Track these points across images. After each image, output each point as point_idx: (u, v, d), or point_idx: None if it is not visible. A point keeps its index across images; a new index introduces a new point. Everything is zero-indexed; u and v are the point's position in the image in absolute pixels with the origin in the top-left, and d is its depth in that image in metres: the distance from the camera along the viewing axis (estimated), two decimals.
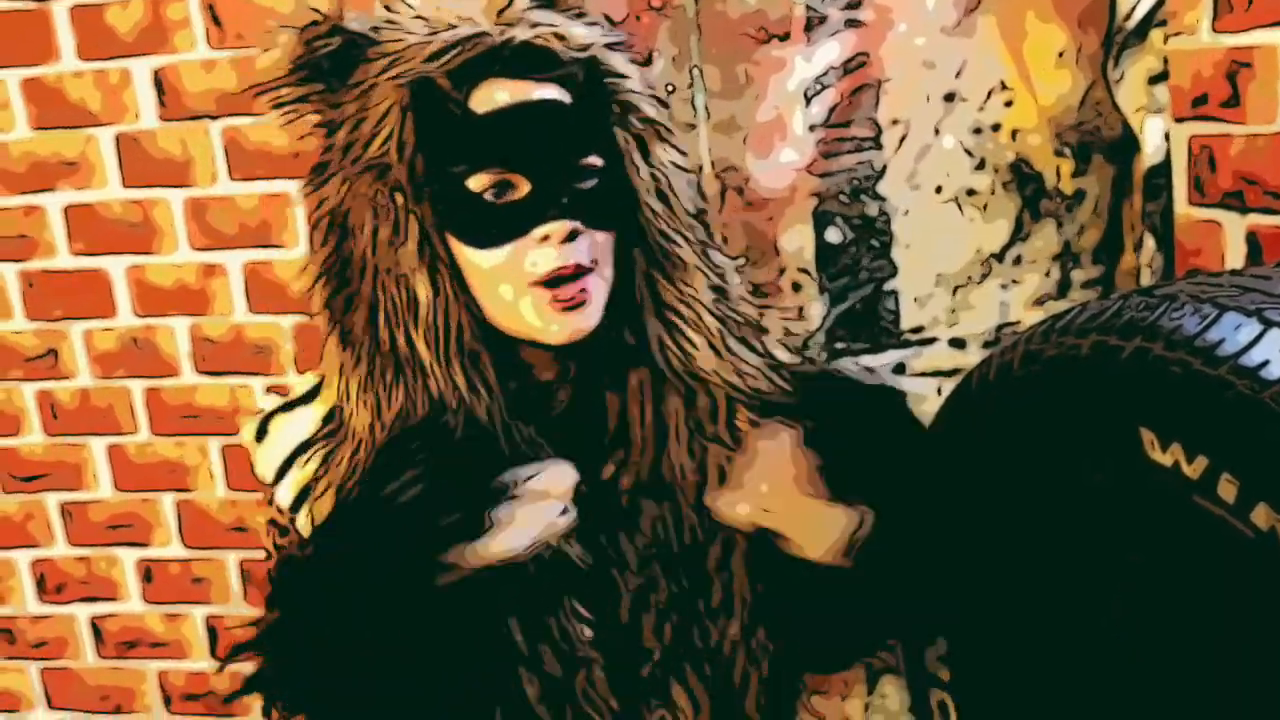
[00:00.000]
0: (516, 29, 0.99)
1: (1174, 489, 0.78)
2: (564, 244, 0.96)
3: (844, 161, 1.69)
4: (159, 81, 1.91)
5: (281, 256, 1.93)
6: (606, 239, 1.01)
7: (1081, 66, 1.62)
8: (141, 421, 2.07)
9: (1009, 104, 1.64)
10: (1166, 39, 1.51)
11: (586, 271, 0.98)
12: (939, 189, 1.67)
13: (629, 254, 1.04)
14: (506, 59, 0.97)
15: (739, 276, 1.13)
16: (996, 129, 1.65)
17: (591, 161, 1.00)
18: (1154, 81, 1.54)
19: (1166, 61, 1.52)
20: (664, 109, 1.09)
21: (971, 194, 1.67)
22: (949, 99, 1.65)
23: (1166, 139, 1.53)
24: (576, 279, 0.97)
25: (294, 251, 1.92)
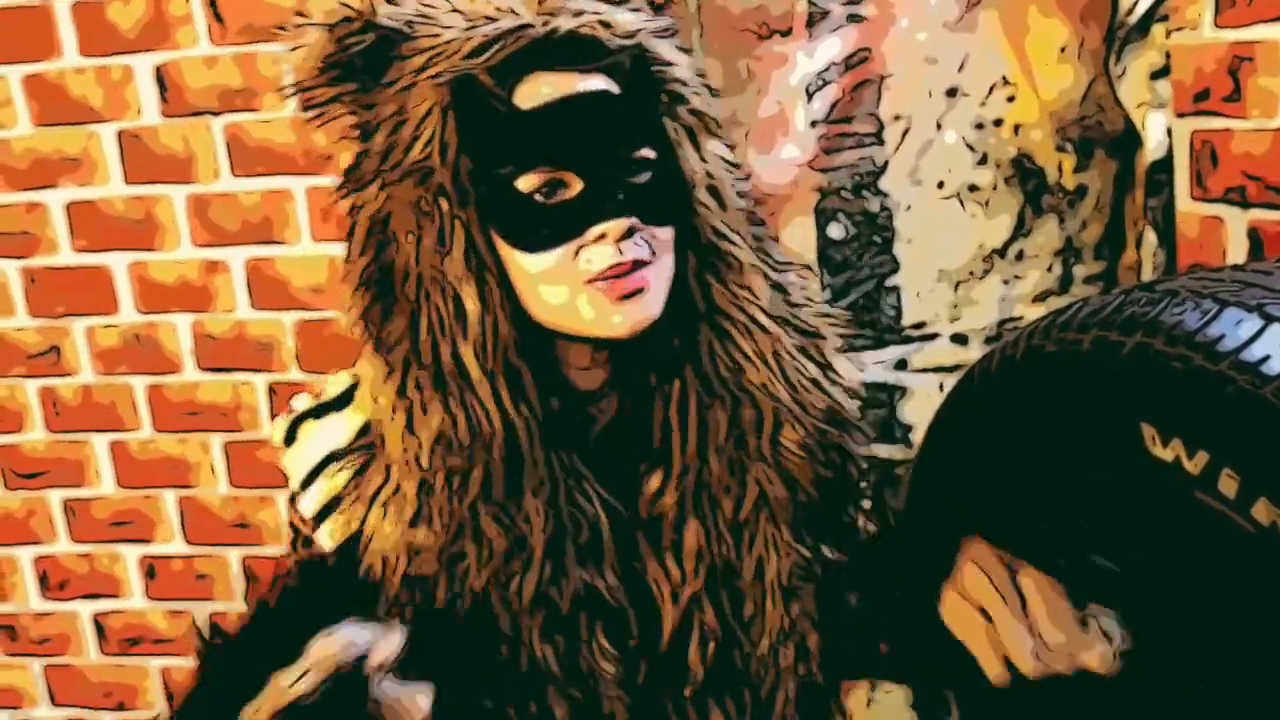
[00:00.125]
0: (559, 19, 0.92)
1: (1175, 484, 0.78)
2: (621, 241, 0.91)
3: (846, 157, 1.69)
4: (161, 77, 1.91)
5: (284, 253, 1.94)
6: (665, 233, 0.95)
7: (1083, 61, 1.62)
8: (144, 418, 2.07)
9: (1011, 99, 1.64)
10: (1168, 34, 1.51)
11: (645, 264, 0.92)
12: (941, 184, 1.67)
13: (681, 254, 0.97)
14: (550, 51, 0.92)
15: (801, 279, 1.07)
16: (998, 124, 1.65)
17: (644, 154, 0.94)
18: (1156, 76, 1.54)
19: (1168, 56, 1.52)
20: (713, 99, 1.02)
21: (973, 189, 1.66)
22: (951, 94, 1.65)
23: (1168, 134, 1.52)
24: (635, 271, 0.91)
25: (296, 248, 1.93)
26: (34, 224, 2.02)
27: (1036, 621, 0.85)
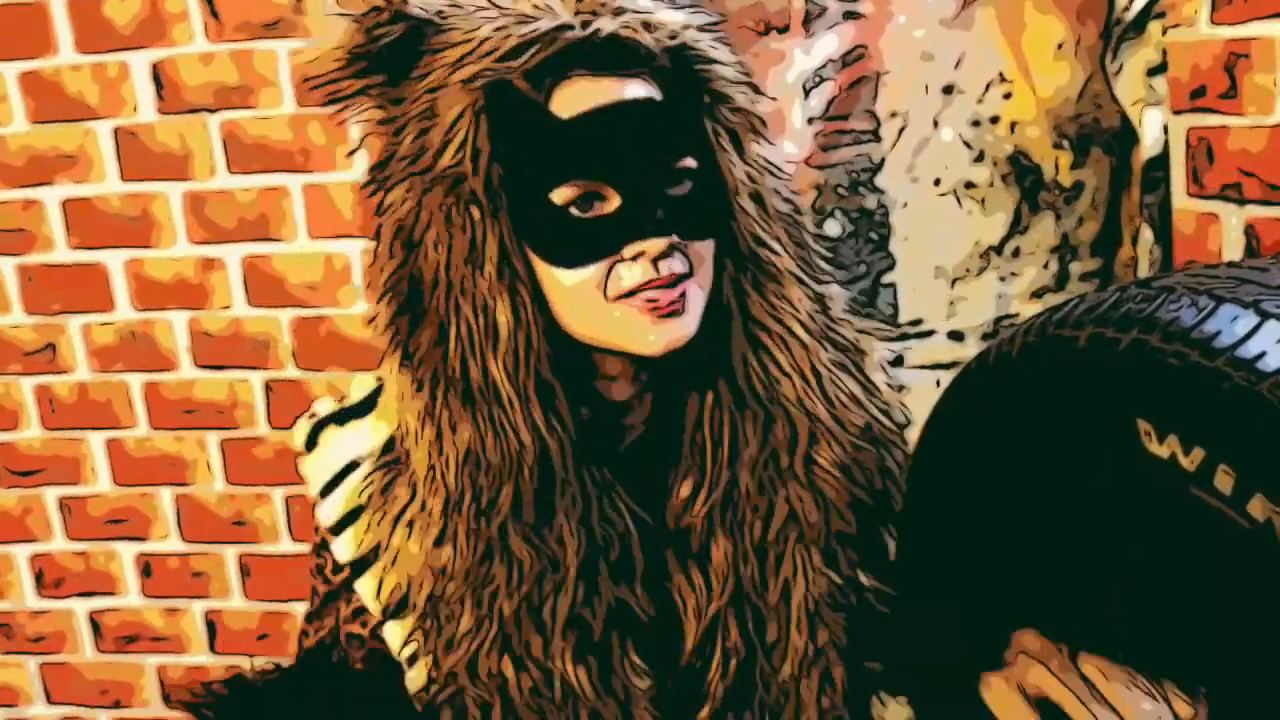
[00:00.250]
0: (600, 19, 0.87)
1: (1171, 481, 0.78)
2: (659, 260, 0.87)
3: (842, 154, 1.69)
4: (157, 74, 1.90)
5: (280, 250, 1.93)
6: (705, 246, 0.90)
7: (1080, 58, 1.62)
8: (140, 416, 2.07)
9: (1008, 96, 1.64)
10: (1165, 31, 1.51)
11: (685, 277, 0.88)
12: (937, 181, 1.67)
13: (719, 261, 0.93)
14: (590, 53, 0.87)
15: (842, 290, 1.02)
16: (995, 121, 1.65)
17: (686, 164, 0.89)
18: (1152, 73, 1.54)
19: (1165, 53, 1.52)
20: (758, 98, 0.97)
21: (970, 186, 1.67)
22: (948, 91, 1.65)
23: (1165, 131, 1.53)
24: (673, 286, 0.87)
25: (293, 245, 1.92)
26: (30, 221, 2.01)
27: (1120, 706, 0.83)
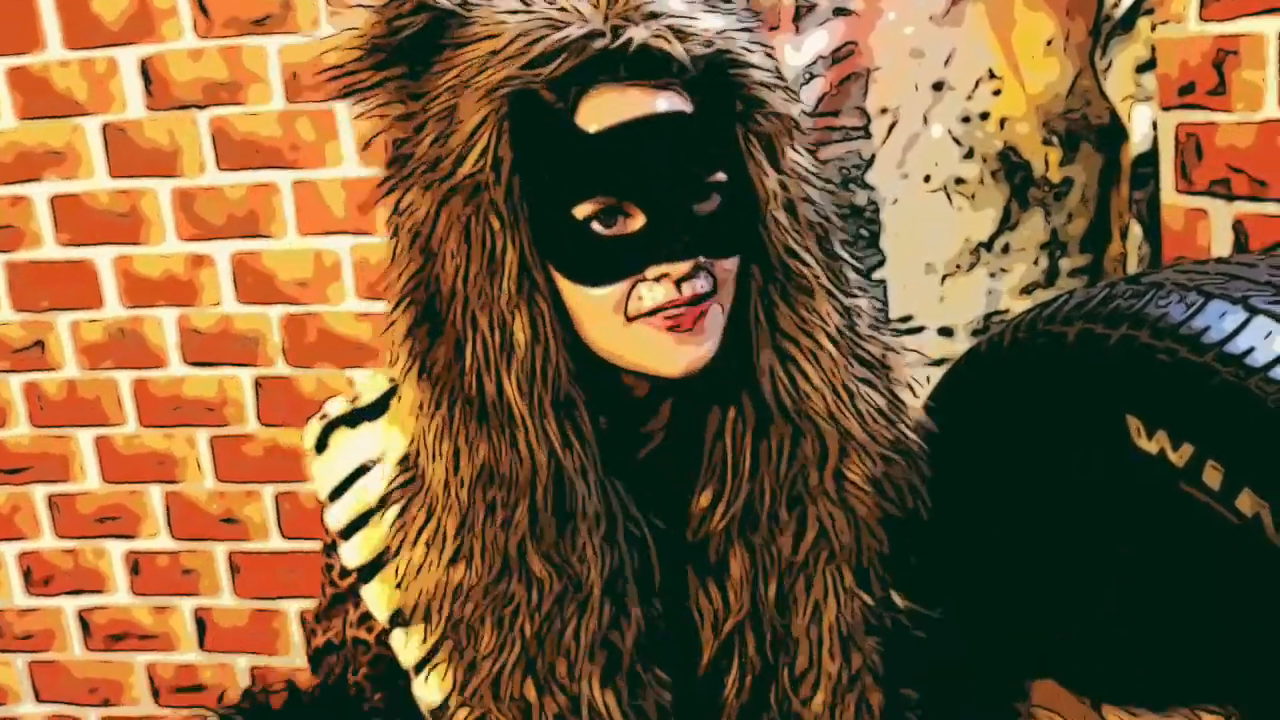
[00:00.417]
0: (632, 28, 0.83)
1: (1160, 476, 0.78)
2: (682, 281, 0.83)
3: (833, 150, 1.69)
4: (146, 71, 1.90)
5: (270, 247, 1.93)
6: (731, 263, 0.87)
7: (1069, 55, 1.62)
8: (129, 413, 2.06)
9: (997, 93, 1.64)
10: (1154, 27, 1.52)
11: (708, 295, 0.85)
12: (927, 178, 1.67)
13: (746, 270, 0.89)
14: (619, 63, 0.83)
15: (873, 305, 0.99)
16: (985, 118, 1.65)
17: (715, 178, 0.86)
18: (1141, 70, 1.54)
19: (1154, 50, 1.52)
20: (796, 101, 0.93)
21: (960, 183, 1.67)
22: (937, 88, 1.65)
23: (1154, 127, 1.53)
24: (695, 304, 0.84)
25: (282, 242, 1.92)
26: (18, 217, 2.00)
27: None
